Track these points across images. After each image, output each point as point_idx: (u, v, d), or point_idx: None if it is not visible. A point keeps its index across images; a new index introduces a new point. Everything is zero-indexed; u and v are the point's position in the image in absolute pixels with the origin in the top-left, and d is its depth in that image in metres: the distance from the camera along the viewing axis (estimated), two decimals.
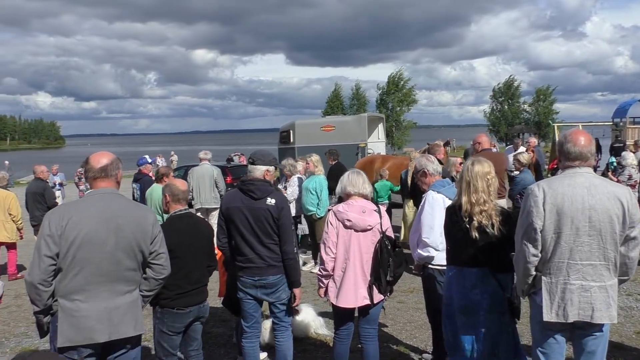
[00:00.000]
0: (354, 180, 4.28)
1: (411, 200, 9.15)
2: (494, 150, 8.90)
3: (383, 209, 4.50)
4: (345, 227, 4.16)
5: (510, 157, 9.59)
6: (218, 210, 9.91)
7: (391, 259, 4.19)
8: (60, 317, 2.99)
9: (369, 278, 4.18)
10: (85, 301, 3.01)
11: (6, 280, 9.03)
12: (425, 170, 4.62)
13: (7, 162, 36.92)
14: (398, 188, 10.43)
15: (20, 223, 9.35)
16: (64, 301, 3.00)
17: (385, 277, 4.16)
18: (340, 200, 4.49)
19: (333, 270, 4.23)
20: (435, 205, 4.32)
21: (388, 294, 4.28)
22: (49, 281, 2.95)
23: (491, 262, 3.55)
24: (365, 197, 4.31)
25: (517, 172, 8.35)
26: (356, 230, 4.15)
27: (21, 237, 9.53)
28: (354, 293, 4.17)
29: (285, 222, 4.19)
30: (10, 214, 9.15)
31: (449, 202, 4.26)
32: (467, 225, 3.55)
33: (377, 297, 4.22)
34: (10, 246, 9.39)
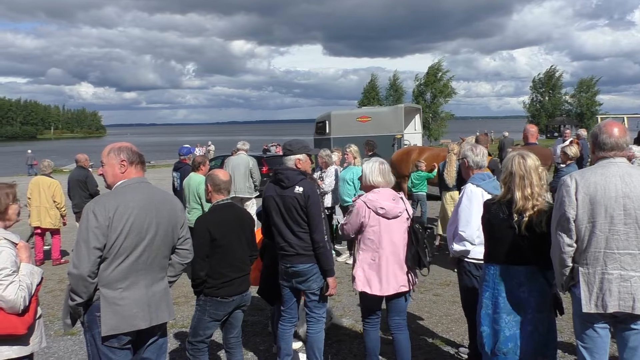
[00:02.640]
0: (384, 170, 4.37)
1: (448, 193, 9.05)
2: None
3: (398, 195, 4.51)
4: (377, 214, 4.22)
5: (558, 149, 9.36)
6: (252, 200, 10.06)
7: (426, 241, 4.40)
8: (103, 307, 3.03)
9: (403, 265, 4.26)
10: (127, 289, 3.07)
11: (50, 265, 9.35)
12: (465, 161, 4.53)
13: (29, 150, 37.92)
14: (434, 175, 10.31)
15: (64, 210, 9.66)
16: (106, 290, 3.03)
17: (425, 258, 4.31)
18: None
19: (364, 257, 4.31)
20: (474, 199, 4.25)
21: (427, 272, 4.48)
22: (96, 272, 3.00)
23: (540, 260, 3.41)
24: (390, 186, 4.43)
25: (563, 165, 8.11)
26: (387, 218, 4.23)
27: (64, 224, 9.85)
28: (391, 280, 4.23)
29: (313, 210, 4.19)
30: (54, 201, 9.46)
31: (487, 196, 4.18)
32: (518, 223, 3.40)
33: (412, 283, 4.34)
34: (54, 232, 9.70)
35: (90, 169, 10.35)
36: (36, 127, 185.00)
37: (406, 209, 4.33)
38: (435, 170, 10.24)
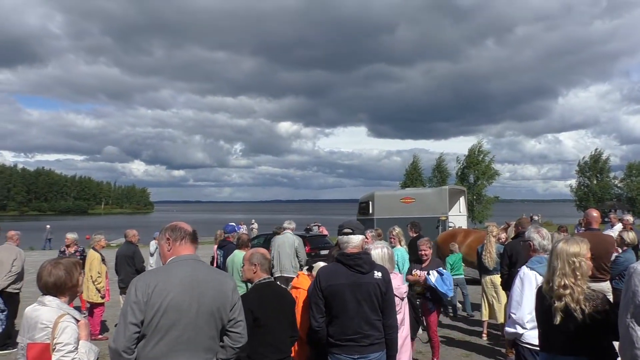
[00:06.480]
0: (391, 255, 4.74)
1: (488, 277, 8.75)
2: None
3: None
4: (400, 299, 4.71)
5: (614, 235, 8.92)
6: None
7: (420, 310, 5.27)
8: None
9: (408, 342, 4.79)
10: None
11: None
12: (531, 243, 4.44)
13: (48, 225, 37.65)
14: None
15: (99, 284, 9.48)
16: None
17: (420, 323, 5.26)
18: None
19: None
20: (526, 282, 4.18)
21: None
22: (132, 349, 2.93)
23: (589, 351, 3.20)
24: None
25: (620, 251, 7.68)
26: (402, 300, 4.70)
27: (102, 297, 9.61)
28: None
29: (391, 295, 4.05)
30: (90, 275, 9.40)
31: (541, 280, 4.06)
32: (557, 310, 3.25)
33: None
34: (94, 306, 9.56)
35: (137, 245, 10.43)
36: (88, 202, 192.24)
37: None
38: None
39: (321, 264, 5.02)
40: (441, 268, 6.59)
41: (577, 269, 3.27)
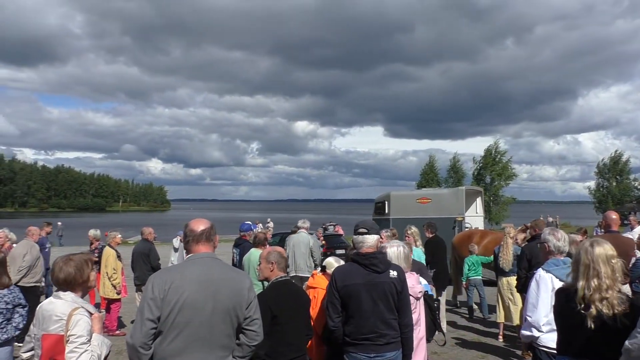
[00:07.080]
0: (407, 255, 4.59)
1: (504, 278, 8.71)
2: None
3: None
4: (416, 299, 4.48)
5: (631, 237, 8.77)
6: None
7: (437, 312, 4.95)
8: None
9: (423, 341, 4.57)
10: None
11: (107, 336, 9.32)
12: (546, 245, 4.39)
13: (60, 223, 38.47)
14: (490, 260, 9.95)
15: (115, 280, 9.55)
16: None
17: (439, 325, 4.97)
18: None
19: None
20: (542, 284, 4.11)
21: None
22: (149, 344, 2.96)
23: (614, 355, 3.12)
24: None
25: (638, 255, 7.53)
26: (417, 299, 4.50)
27: (118, 293, 9.66)
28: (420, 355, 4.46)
29: (407, 294, 4.05)
30: (106, 271, 9.49)
31: (557, 283, 4.01)
32: (584, 313, 3.18)
33: None
34: (111, 301, 9.63)
35: (153, 242, 10.49)
36: (106, 200, 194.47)
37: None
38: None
39: (332, 260, 5.04)
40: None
41: (616, 271, 3.23)
